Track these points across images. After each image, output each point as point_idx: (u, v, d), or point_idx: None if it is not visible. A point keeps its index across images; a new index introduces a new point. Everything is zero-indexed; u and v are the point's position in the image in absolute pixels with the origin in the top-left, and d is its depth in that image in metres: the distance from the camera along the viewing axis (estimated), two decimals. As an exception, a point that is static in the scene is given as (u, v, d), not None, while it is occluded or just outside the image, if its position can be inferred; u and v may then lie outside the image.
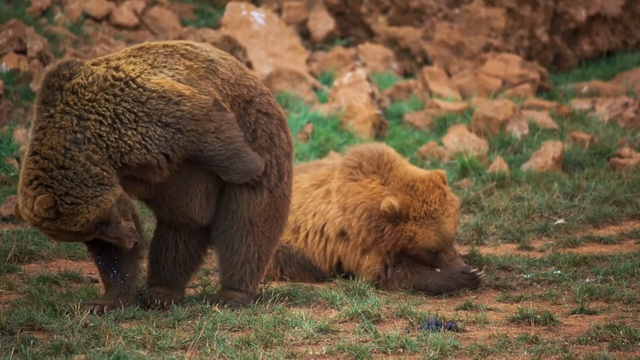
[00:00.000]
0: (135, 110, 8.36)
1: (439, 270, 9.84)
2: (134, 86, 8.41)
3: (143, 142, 8.36)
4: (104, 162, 8.30)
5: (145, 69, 8.49)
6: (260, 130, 8.81)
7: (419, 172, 9.98)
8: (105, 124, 8.32)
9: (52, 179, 8.22)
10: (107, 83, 8.40)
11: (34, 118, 8.37)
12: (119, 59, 8.55)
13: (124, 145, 8.33)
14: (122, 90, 8.39)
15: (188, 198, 8.69)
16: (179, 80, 8.52)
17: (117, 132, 8.34)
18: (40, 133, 8.30)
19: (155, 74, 8.49)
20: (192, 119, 8.43)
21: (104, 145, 8.30)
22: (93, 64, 8.50)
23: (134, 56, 8.58)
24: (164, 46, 8.68)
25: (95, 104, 8.35)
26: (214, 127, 8.49)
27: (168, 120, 8.40)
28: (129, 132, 8.34)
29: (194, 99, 8.47)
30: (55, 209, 8.19)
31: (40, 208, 8.16)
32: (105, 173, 8.30)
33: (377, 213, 9.83)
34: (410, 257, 9.88)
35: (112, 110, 8.35)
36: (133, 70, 8.47)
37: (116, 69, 8.46)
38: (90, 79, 8.40)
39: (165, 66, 8.58)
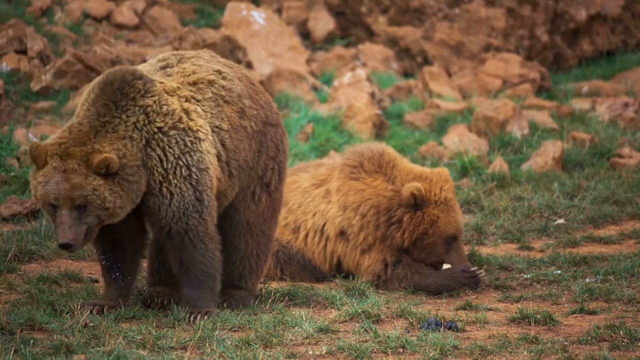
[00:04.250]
0: (186, 173, 8.31)
1: (446, 266, 9.86)
2: (199, 150, 8.34)
3: (168, 199, 8.32)
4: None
5: (207, 132, 8.40)
6: (269, 141, 8.85)
7: (424, 168, 10.09)
8: (161, 167, 8.27)
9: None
10: (182, 126, 8.30)
11: (93, 106, 8.20)
12: (185, 98, 8.41)
13: (158, 191, 8.29)
14: (192, 143, 8.32)
15: None
16: (219, 158, 8.45)
17: (167, 181, 8.30)
18: (109, 127, 8.18)
19: (208, 140, 8.38)
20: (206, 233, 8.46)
21: (148, 176, 8.25)
22: (165, 91, 8.35)
23: (196, 100, 8.46)
24: (209, 83, 8.54)
25: (164, 137, 8.27)
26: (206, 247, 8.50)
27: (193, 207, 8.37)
28: (174, 183, 8.30)
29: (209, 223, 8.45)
30: (96, 167, 8.03)
31: (94, 162, 8.03)
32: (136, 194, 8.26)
33: (386, 207, 9.86)
34: (421, 249, 9.88)
35: (176, 157, 8.28)
36: (201, 127, 8.36)
37: (187, 112, 8.36)
38: (164, 109, 8.30)
39: (216, 126, 8.48)
